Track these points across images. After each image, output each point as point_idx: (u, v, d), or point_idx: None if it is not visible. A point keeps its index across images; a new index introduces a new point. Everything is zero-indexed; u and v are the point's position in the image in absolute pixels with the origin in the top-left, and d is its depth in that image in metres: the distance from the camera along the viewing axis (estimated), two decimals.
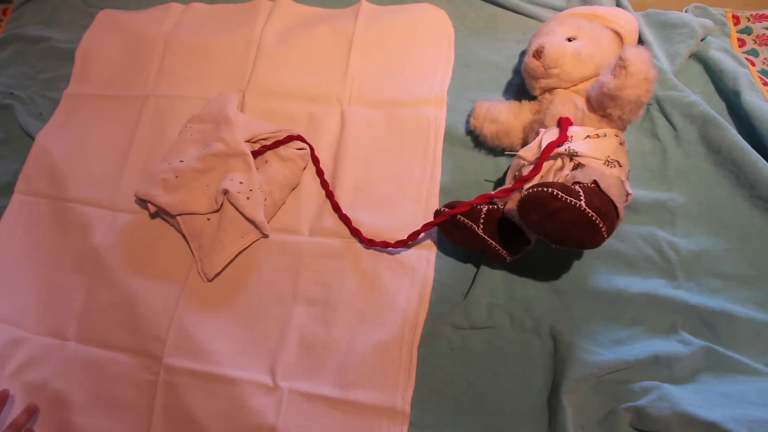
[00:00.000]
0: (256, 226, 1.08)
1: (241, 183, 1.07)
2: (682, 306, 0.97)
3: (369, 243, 1.06)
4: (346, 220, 1.09)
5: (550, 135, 0.96)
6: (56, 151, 1.27)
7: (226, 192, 1.05)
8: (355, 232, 1.08)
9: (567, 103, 1.01)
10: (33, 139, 1.29)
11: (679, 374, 0.91)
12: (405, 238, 1.03)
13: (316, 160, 1.17)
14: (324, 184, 1.15)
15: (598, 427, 0.89)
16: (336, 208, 1.11)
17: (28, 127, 1.31)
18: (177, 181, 1.09)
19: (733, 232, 1.04)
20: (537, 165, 0.94)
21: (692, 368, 0.92)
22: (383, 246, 1.04)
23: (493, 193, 0.97)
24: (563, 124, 0.96)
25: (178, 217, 1.10)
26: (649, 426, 0.85)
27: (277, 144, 1.15)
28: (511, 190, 0.95)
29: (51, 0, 1.56)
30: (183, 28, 1.41)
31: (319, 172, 1.16)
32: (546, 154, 0.93)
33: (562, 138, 0.94)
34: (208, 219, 1.10)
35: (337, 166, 1.16)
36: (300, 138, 1.16)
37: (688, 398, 0.86)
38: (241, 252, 1.09)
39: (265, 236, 1.10)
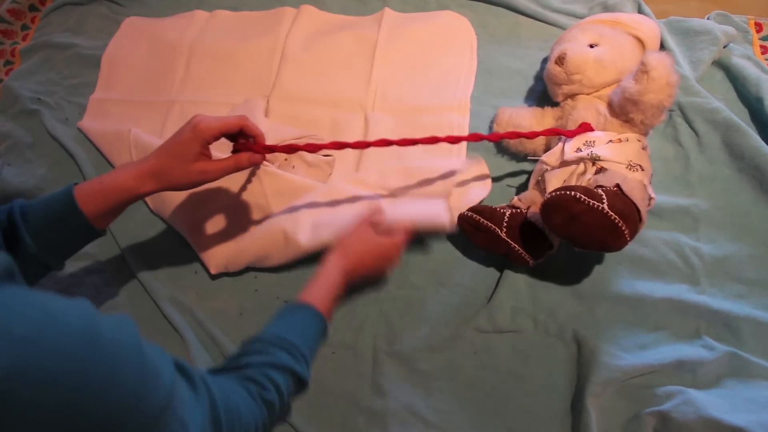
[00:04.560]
0: None
1: None
2: (706, 311, 0.97)
3: None
4: None
5: (572, 140, 0.97)
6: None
7: None
8: None
9: (589, 108, 1.01)
10: (60, 143, 1.31)
11: (703, 379, 0.91)
12: None
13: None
14: None
15: None
16: None
17: (54, 132, 1.33)
18: None
19: (757, 238, 1.04)
20: (534, 132, 1.00)
21: (716, 373, 0.92)
22: None
23: (485, 134, 1.00)
24: (581, 127, 0.98)
25: None
26: (673, 431, 0.84)
27: None
28: (499, 137, 1.01)
29: (78, 8, 1.59)
30: (208, 35, 1.43)
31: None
32: (546, 132, 1.00)
33: (575, 132, 0.97)
34: None
35: (361, 171, 1.17)
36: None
37: (713, 403, 0.85)
38: None
39: None
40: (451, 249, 1.08)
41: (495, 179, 1.15)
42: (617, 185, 0.85)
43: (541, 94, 1.23)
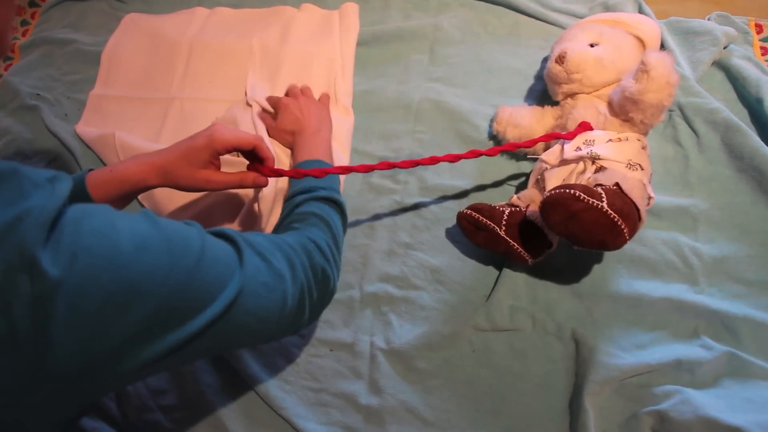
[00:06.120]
0: None
1: None
2: (705, 311, 0.97)
3: None
4: None
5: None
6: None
7: None
8: None
9: (589, 107, 1.01)
10: (59, 139, 1.31)
11: (701, 379, 0.91)
12: None
13: None
14: None
15: (619, 431, 0.89)
16: None
17: (54, 128, 1.33)
18: None
19: (756, 238, 1.04)
20: (532, 140, 1.01)
21: (715, 373, 0.92)
22: None
23: (483, 150, 0.99)
24: (580, 127, 0.98)
25: None
26: (671, 430, 0.84)
27: None
28: (497, 151, 0.99)
29: (78, 4, 1.58)
30: (208, 32, 1.42)
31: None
32: (543, 138, 1.00)
33: (571, 135, 0.96)
34: None
35: None
36: None
37: (711, 403, 0.85)
38: None
39: None
40: (449, 247, 1.08)
41: (494, 178, 1.15)
42: (617, 184, 0.85)
43: (541, 93, 1.23)
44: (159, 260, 0.53)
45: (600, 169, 0.91)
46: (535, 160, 1.03)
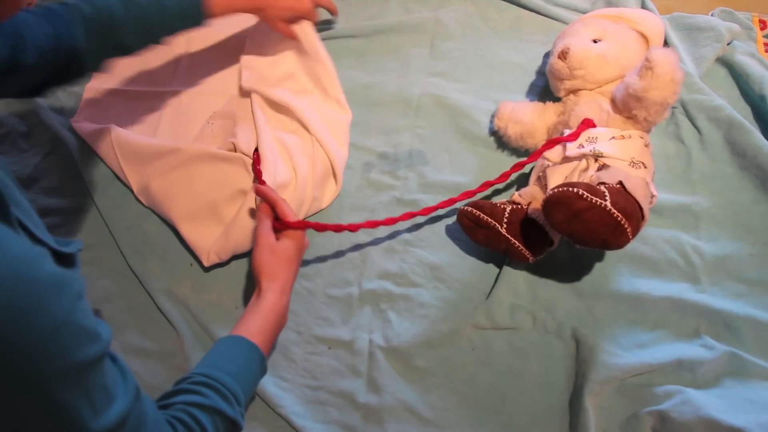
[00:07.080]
0: None
1: None
2: (706, 310, 0.96)
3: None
4: None
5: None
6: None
7: None
8: None
9: (592, 104, 1.00)
10: (55, 133, 1.29)
11: (702, 379, 0.90)
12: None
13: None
14: None
15: (620, 431, 0.89)
16: None
17: (49, 120, 1.31)
18: None
19: (758, 237, 1.04)
20: (535, 153, 0.98)
21: (716, 373, 0.91)
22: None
23: (493, 180, 1.00)
24: (583, 124, 0.96)
25: None
26: (672, 430, 0.84)
27: None
28: (507, 176, 0.99)
29: None
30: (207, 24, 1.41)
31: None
32: (546, 146, 0.97)
33: (574, 136, 0.95)
34: None
35: None
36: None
37: (712, 403, 0.85)
38: None
39: None
40: (450, 244, 1.08)
41: (495, 174, 1.13)
42: (620, 182, 0.85)
43: (543, 89, 1.23)
44: (35, 344, 0.44)
45: (603, 167, 0.90)
46: None
